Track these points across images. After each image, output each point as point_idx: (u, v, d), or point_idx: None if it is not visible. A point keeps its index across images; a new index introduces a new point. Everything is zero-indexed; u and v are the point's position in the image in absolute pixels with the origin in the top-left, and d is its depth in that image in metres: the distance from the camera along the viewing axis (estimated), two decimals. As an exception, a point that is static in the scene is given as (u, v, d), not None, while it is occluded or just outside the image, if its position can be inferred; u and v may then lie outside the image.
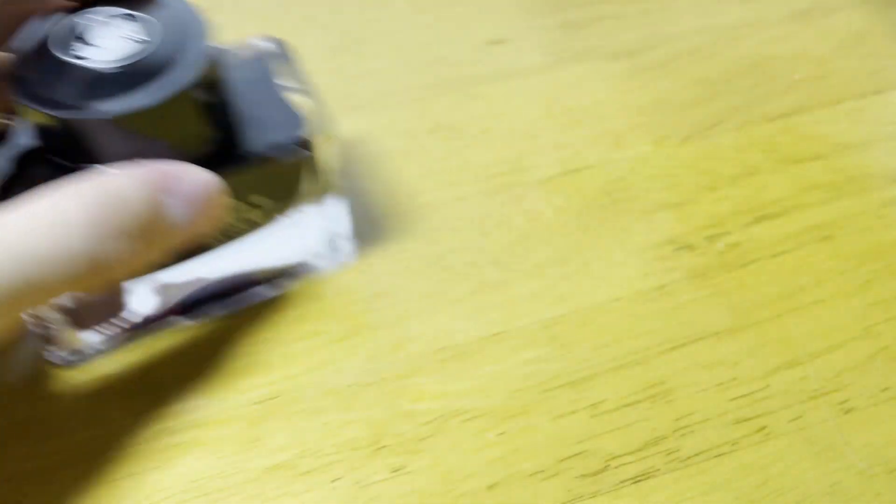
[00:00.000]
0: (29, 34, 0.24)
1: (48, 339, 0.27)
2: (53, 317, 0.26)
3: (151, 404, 0.28)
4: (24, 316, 0.23)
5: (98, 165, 0.23)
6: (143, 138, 0.23)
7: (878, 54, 0.40)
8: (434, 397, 0.28)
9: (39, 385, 0.28)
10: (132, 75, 0.23)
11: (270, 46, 0.28)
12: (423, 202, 0.34)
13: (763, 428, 0.27)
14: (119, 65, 0.23)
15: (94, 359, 0.29)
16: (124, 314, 0.28)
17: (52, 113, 0.22)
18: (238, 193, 0.26)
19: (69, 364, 0.28)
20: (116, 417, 0.28)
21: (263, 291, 0.30)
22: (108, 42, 0.24)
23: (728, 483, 0.26)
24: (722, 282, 0.31)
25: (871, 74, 0.39)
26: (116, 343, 0.29)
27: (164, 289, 0.28)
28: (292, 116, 0.27)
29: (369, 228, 0.33)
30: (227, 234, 0.27)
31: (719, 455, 0.27)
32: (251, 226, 0.27)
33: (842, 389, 0.28)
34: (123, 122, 0.23)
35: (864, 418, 0.28)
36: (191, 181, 0.23)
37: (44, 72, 0.23)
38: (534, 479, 0.26)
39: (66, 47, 0.24)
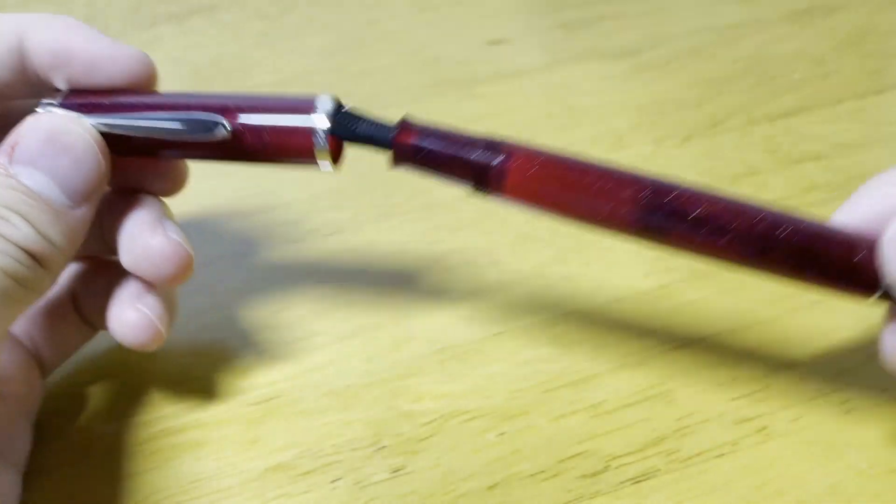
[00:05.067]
0: None
1: None
2: None
3: (152, 404, 0.28)
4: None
5: None
6: None
7: (878, 54, 0.40)
8: (434, 397, 0.28)
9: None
10: None
11: None
12: (423, 202, 0.34)
13: (763, 428, 0.27)
14: None
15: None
16: None
17: None
18: None
19: None
20: (117, 417, 0.28)
21: None
22: None
23: (728, 483, 0.26)
24: (722, 282, 0.31)
25: (871, 74, 0.39)
26: None
27: None
28: None
29: (369, 229, 0.33)
30: None
31: (720, 455, 0.27)
32: None
33: (842, 390, 0.28)
34: None
35: (865, 418, 0.28)
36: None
37: None
38: (534, 480, 0.26)
39: None
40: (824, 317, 0.30)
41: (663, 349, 0.29)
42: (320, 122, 0.24)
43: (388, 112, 0.38)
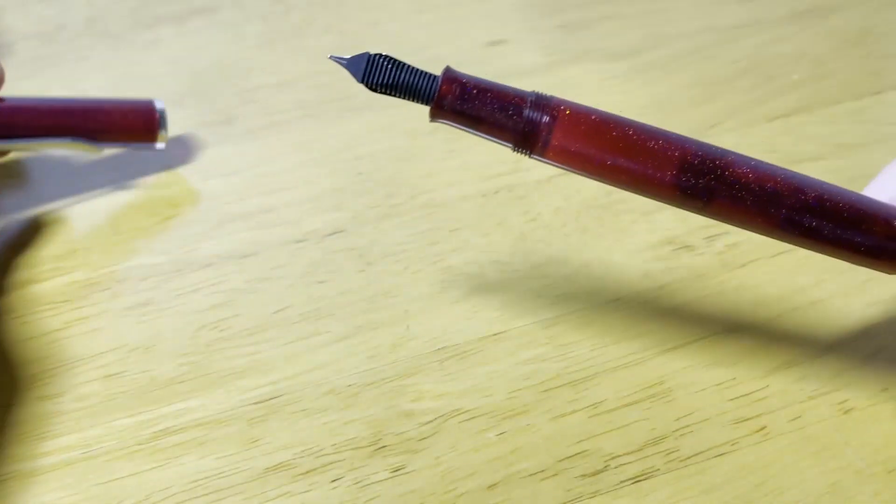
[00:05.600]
0: None
1: None
2: None
3: (154, 404, 0.28)
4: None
5: None
6: None
7: (876, 55, 0.40)
8: (434, 397, 0.28)
9: (39, 385, 0.29)
10: None
11: None
12: (423, 202, 0.34)
13: (762, 428, 0.27)
14: None
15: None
16: None
17: None
18: None
19: None
20: (117, 417, 0.28)
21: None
22: None
23: (727, 483, 0.26)
24: (721, 282, 0.31)
25: (870, 75, 0.39)
26: None
27: None
28: None
29: (369, 228, 0.33)
30: None
31: (719, 455, 0.27)
32: None
33: (841, 389, 0.28)
34: None
35: (863, 418, 0.28)
36: None
37: None
38: (533, 479, 0.26)
39: None
40: (823, 317, 0.30)
41: (663, 349, 0.29)
42: (161, 114, 0.34)
43: (389, 112, 0.38)
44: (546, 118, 0.22)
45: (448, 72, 0.23)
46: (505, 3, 0.43)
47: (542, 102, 0.22)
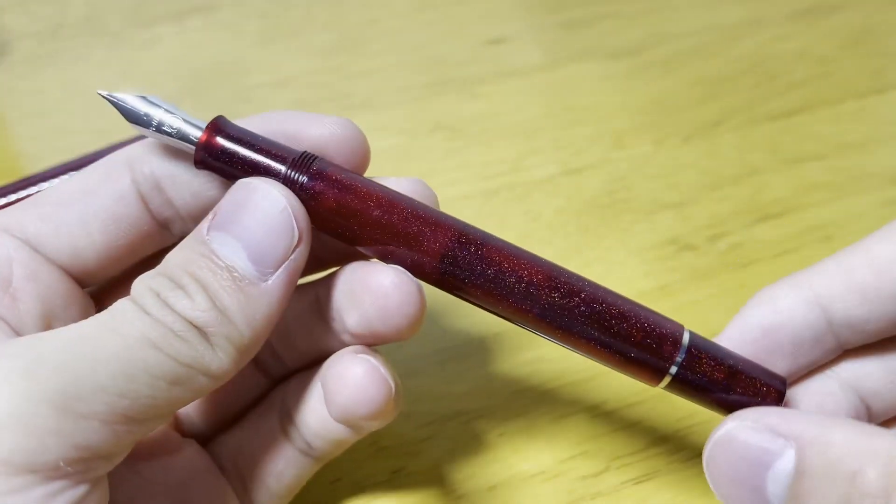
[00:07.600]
0: None
1: None
2: None
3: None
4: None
5: None
6: None
7: (879, 54, 0.40)
8: (434, 398, 0.28)
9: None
10: None
11: None
12: (423, 202, 0.34)
13: (765, 429, 0.27)
14: None
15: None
16: None
17: None
18: None
19: None
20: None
21: None
22: None
23: (730, 484, 0.26)
24: (723, 282, 0.31)
25: (872, 74, 0.39)
26: None
27: None
28: None
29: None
30: None
31: (721, 456, 0.27)
32: None
33: (844, 390, 0.28)
34: None
35: (867, 419, 0.27)
36: None
37: None
38: (534, 481, 0.26)
39: None
40: (826, 317, 0.30)
41: (664, 349, 0.29)
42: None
43: (388, 111, 0.38)
44: (305, 181, 0.21)
45: (218, 121, 0.21)
46: (505, 2, 0.43)
47: (304, 164, 0.21)
